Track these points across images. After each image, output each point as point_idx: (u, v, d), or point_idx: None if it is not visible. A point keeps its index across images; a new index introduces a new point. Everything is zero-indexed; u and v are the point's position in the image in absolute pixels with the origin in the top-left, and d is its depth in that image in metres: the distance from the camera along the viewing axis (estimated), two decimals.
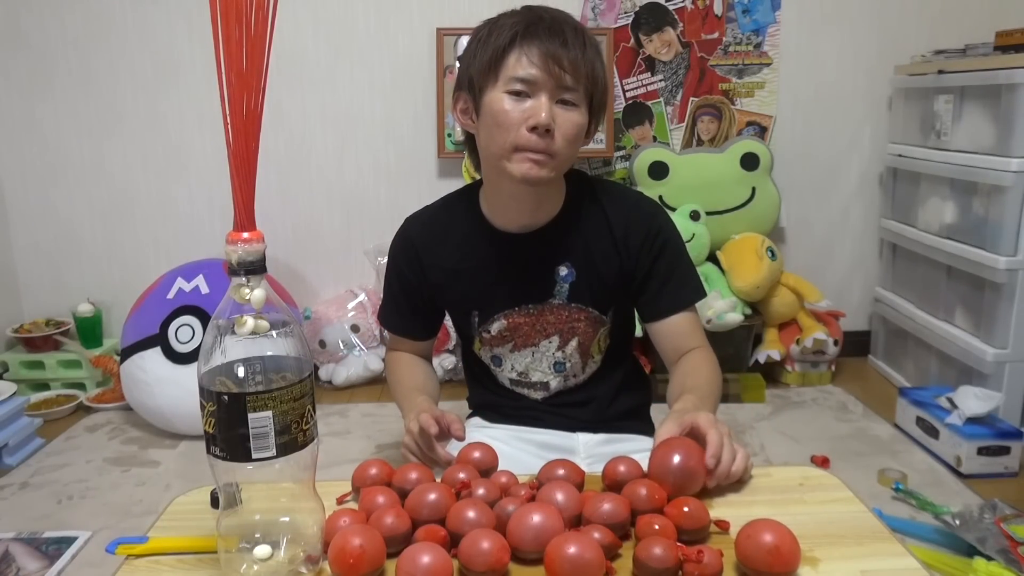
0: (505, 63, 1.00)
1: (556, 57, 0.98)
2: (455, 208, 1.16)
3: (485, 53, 1.01)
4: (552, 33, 0.99)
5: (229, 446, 0.63)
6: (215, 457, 0.64)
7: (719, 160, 2.57)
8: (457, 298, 1.17)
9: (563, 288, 1.11)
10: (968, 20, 2.58)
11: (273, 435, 0.63)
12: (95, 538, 1.72)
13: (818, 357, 2.56)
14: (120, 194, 2.70)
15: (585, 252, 1.11)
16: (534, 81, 0.99)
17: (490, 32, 1.02)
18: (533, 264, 1.11)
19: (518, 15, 1.02)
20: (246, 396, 0.62)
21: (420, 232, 1.17)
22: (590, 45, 1.02)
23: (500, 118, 1.00)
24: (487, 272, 1.13)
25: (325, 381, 2.64)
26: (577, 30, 1.02)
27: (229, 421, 0.62)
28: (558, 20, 1.02)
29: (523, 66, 0.99)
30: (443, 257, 1.15)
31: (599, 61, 1.04)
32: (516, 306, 1.13)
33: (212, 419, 0.63)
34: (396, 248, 1.19)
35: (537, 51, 0.99)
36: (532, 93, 0.99)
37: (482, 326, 1.15)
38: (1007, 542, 1.53)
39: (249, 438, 0.63)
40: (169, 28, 2.58)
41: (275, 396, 0.63)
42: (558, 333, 1.13)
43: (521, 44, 0.99)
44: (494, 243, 1.12)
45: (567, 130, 1.01)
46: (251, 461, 0.63)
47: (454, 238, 1.14)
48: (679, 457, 0.80)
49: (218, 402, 0.62)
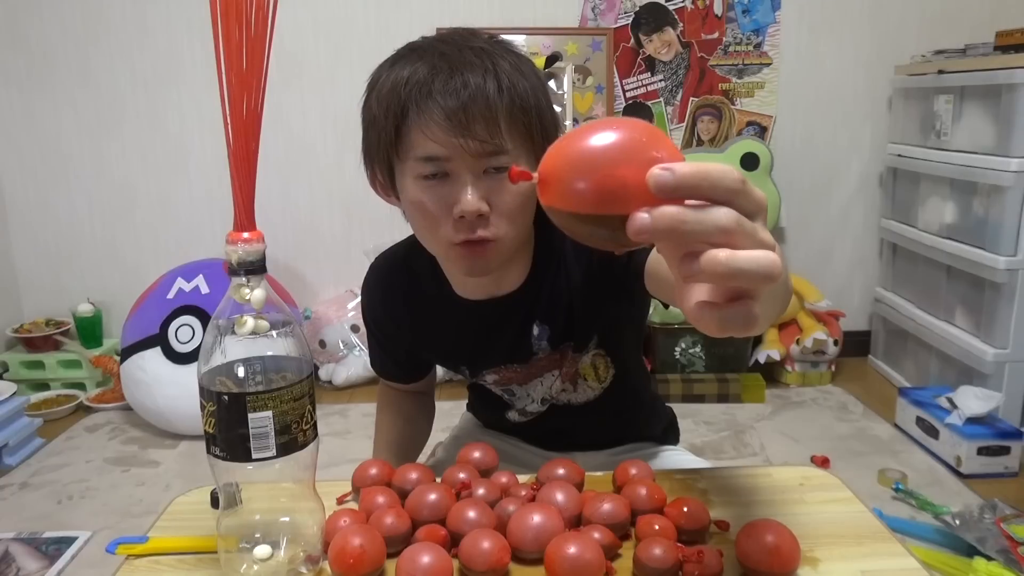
0: (404, 140, 0.79)
1: (466, 117, 0.75)
2: (417, 262, 0.97)
3: (381, 124, 0.80)
4: (454, 79, 0.76)
5: (229, 446, 0.63)
6: (215, 457, 0.64)
7: (719, 160, 2.57)
8: (440, 354, 1.07)
9: (542, 344, 0.96)
10: (968, 20, 2.58)
11: (273, 435, 0.63)
12: (95, 538, 1.72)
13: (818, 357, 2.57)
14: (120, 194, 2.70)
15: (557, 307, 0.94)
16: (445, 157, 0.77)
17: (380, 93, 0.80)
18: (506, 331, 0.96)
19: (413, 60, 0.79)
20: (246, 396, 0.62)
21: (389, 283, 1.03)
22: (510, 73, 0.78)
23: (419, 213, 0.81)
24: (462, 337, 0.99)
25: (325, 381, 2.64)
26: (486, 55, 0.78)
27: (229, 421, 0.62)
28: (459, 53, 0.78)
29: (425, 141, 0.77)
30: (415, 315, 1.01)
31: (530, 83, 0.79)
32: (502, 364, 1.00)
33: (212, 419, 0.63)
34: (367, 295, 1.06)
35: (440, 115, 0.75)
36: (448, 171, 0.78)
37: (475, 378, 1.05)
38: (1007, 542, 1.53)
39: (249, 438, 0.62)
40: (169, 28, 2.58)
41: (275, 396, 0.63)
42: (556, 369, 1.00)
43: (420, 108, 0.76)
44: (461, 312, 0.96)
45: (505, 205, 0.79)
46: (251, 461, 0.63)
47: (421, 298, 0.99)
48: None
49: (218, 402, 0.62)
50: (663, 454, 1.12)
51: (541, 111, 0.80)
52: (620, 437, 1.13)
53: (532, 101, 0.79)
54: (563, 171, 0.42)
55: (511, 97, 0.77)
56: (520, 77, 0.79)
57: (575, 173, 0.41)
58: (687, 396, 2.43)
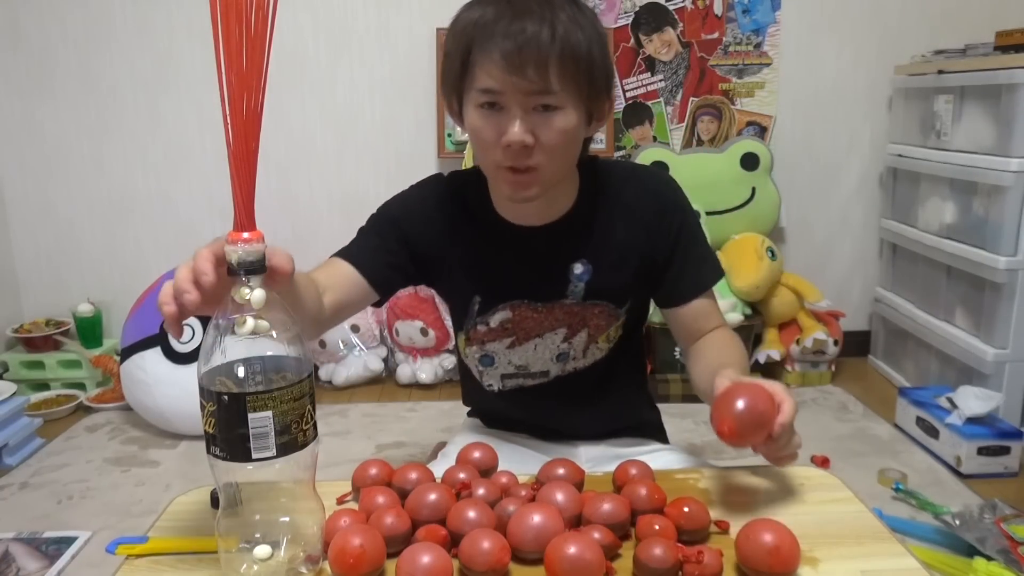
0: (469, 72, 0.89)
1: (520, 59, 0.84)
2: (476, 187, 1.04)
3: (453, 58, 0.91)
4: (514, 24, 0.85)
5: (229, 446, 0.63)
6: (215, 457, 0.64)
7: (719, 160, 2.57)
8: (460, 279, 1.06)
9: (578, 287, 1.03)
10: (968, 20, 2.58)
11: (273, 435, 0.63)
12: (95, 538, 1.72)
13: (818, 357, 2.56)
14: (120, 194, 2.70)
15: (602, 245, 1.02)
16: (500, 91, 0.87)
17: (454, 29, 0.91)
18: (544, 262, 1.02)
19: (485, 4, 0.89)
20: (246, 396, 0.62)
21: (431, 205, 1.06)
22: (567, 24, 0.86)
23: (476, 136, 0.92)
24: (494, 261, 1.04)
25: (325, 381, 2.64)
26: (547, 5, 0.87)
27: (229, 421, 0.62)
28: (524, 2, 0.87)
29: (485, 75, 0.87)
30: (449, 235, 1.04)
31: (585, 35, 0.88)
32: (524, 299, 1.04)
33: (212, 419, 0.63)
34: (406, 198, 1.09)
35: (498, 55, 0.85)
36: (502, 104, 0.88)
37: (482, 316, 1.06)
38: (1007, 542, 1.53)
39: (249, 438, 0.62)
40: (169, 28, 2.58)
41: (275, 396, 0.63)
42: (566, 326, 1.05)
43: (482, 47, 0.87)
44: (503, 234, 1.02)
45: (549, 140, 0.89)
46: (251, 461, 0.63)
47: (462, 219, 1.04)
48: (749, 398, 0.79)
49: (218, 402, 0.62)
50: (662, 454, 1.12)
51: (591, 61, 0.89)
52: (616, 415, 1.16)
53: (583, 51, 0.87)
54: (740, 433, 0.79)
55: (562, 46, 0.85)
56: (576, 28, 0.87)
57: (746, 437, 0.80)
58: (687, 396, 2.43)
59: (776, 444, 0.80)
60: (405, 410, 2.44)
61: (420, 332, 2.58)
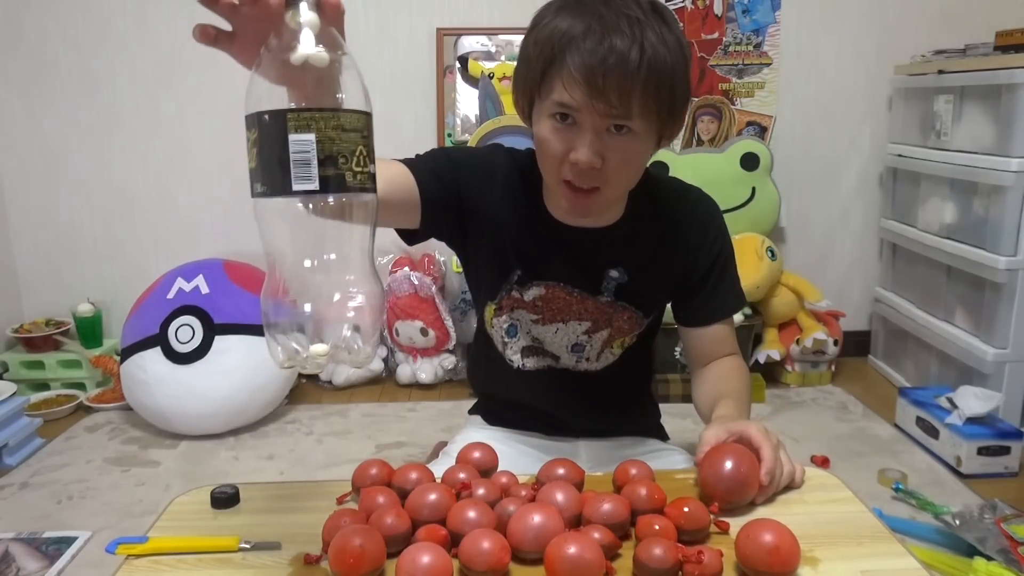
0: (548, 80, 0.87)
1: (604, 83, 0.82)
2: (529, 171, 1.02)
3: (532, 64, 0.89)
4: (603, 44, 0.82)
5: (269, 177, 0.57)
6: (256, 196, 0.58)
7: (719, 160, 2.57)
8: (504, 249, 1.04)
9: (610, 285, 1.04)
10: (968, 20, 2.58)
11: (316, 164, 0.56)
12: (95, 538, 1.72)
13: (818, 357, 2.57)
14: (120, 194, 2.70)
15: (642, 257, 1.04)
16: (577, 108, 0.85)
17: (538, 35, 0.88)
18: (583, 261, 1.04)
19: (574, 14, 0.85)
20: (287, 113, 0.56)
21: (493, 170, 1.04)
22: (655, 45, 0.83)
23: (543, 146, 0.90)
24: (538, 244, 1.04)
25: (325, 381, 2.64)
26: (638, 25, 0.82)
27: (270, 145, 0.56)
28: (615, 19, 0.83)
29: (564, 91, 0.85)
30: (502, 204, 1.03)
31: (672, 58, 0.84)
32: (563, 282, 1.04)
33: (254, 149, 0.57)
34: (466, 156, 1.07)
35: (581, 70, 0.83)
36: (576, 120, 0.86)
37: (519, 287, 1.05)
38: (1007, 542, 1.53)
39: (289, 164, 0.56)
40: (169, 28, 2.58)
41: (318, 118, 0.56)
42: (592, 320, 1.06)
43: (565, 62, 0.84)
44: (548, 226, 1.03)
45: (617, 162, 0.88)
46: (292, 195, 0.56)
47: (517, 196, 1.03)
48: (731, 464, 0.78)
49: (259, 125, 0.56)
50: (662, 454, 1.13)
51: (673, 88, 0.86)
52: (619, 416, 1.17)
53: (667, 77, 0.85)
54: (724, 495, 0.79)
55: (648, 72, 0.83)
56: (664, 51, 0.84)
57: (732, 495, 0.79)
58: (687, 396, 2.41)
59: (771, 488, 0.81)
60: (405, 410, 2.44)
61: (420, 332, 2.58)
